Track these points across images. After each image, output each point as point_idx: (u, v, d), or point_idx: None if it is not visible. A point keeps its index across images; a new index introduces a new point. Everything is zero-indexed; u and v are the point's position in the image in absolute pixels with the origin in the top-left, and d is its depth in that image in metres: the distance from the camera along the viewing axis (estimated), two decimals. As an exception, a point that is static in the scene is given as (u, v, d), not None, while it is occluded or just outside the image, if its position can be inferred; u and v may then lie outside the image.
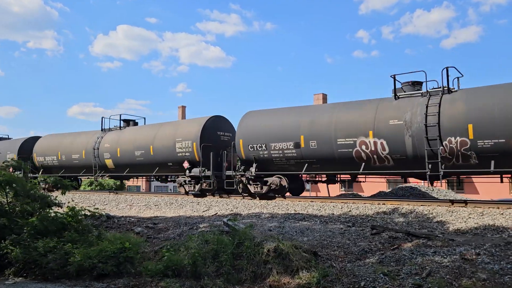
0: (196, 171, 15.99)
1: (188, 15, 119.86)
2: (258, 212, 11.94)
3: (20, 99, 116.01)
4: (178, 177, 17.17)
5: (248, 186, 14.83)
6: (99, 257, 7.50)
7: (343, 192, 25.02)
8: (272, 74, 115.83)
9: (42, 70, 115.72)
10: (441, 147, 10.98)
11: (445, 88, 11.65)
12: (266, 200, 13.95)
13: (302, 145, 13.27)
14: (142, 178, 21.07)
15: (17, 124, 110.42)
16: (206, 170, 15.74)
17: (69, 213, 9.16)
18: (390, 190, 17.69)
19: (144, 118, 21.12)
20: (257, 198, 14.49)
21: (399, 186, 17.85)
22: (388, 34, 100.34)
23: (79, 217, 9.29)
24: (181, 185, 16.97)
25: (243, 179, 14.82)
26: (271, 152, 13.95)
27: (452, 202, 11.19)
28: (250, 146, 14.40)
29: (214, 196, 16.02)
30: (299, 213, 11.24)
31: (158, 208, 14.45)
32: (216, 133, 16.43)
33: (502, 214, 9.37)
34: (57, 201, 10.06)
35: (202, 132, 15.85)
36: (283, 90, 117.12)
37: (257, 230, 8.82)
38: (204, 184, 15.98)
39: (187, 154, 16.14)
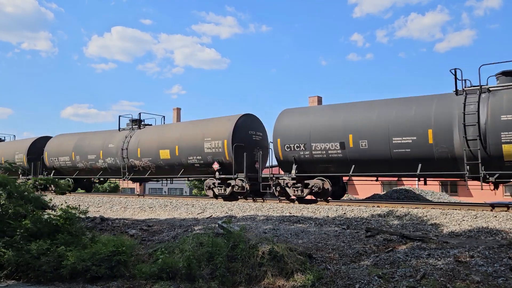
0: (24, 176, 23.35)
1: (183, 17, 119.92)
2: (253, 214, 11.92)
3: (13, 100, 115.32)
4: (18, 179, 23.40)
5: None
6: (93, 260, 7.45)
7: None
8: (267, 76, 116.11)
9: (36, 71, 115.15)
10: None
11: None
12: (260, 203, 14.06)
13: (73, 158, 21.24)
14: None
15: (10, 125, 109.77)
16: (29, 175, 22.97)
17: (63, 215, 9.09)
18: (384, 192, 17.75)
19: (15, 136, 29.62)
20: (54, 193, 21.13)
21: (393, 188, 17.94)
22: (382, 37, 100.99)
23: (73, 219, 9.21)
24: None
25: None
26: (60, 163, 22.06)
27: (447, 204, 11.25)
28: (50, 159, 22.48)
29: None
30: (294, 216, 11.23)
31: (153, 210, 14.39)
32: (41, 149, 23.26)
33: (496, 216, 9.42)
34: (50, 203, 9.97)
35: (29, 148, 23.55)
36: (278, 93, 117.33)
37: (252, 232, 8.80)
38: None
39: (21, 164, 23.53)
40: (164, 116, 20.66)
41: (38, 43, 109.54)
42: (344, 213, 11.25)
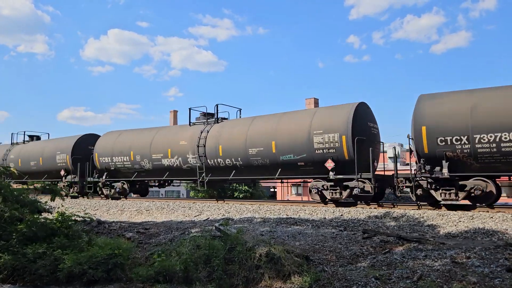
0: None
1: (180, 20, 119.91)
2: (250, 216, 11.92)
3: (9, 103, 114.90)
4: None
5: None
6: (89, 263, 7.42)
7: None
8: (265, 78, 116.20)
9: (33, 74, 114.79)
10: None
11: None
12: (258, 205, 14.04)
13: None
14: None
15: (6, 128, 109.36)
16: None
17: (59, 218, 9.06)
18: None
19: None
20: None
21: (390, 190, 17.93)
22: (378, 39, 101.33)
23: (69, 223, 9.18)
24: None
25: None
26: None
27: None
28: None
29: None
30: (291, 218, 11.24)
31: (150, 213, 14.36)
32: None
33: (492, 217, 9.46)
34: (46, 207, 9.93)
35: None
36: (275, 94, 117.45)
37: (249, 234, 8.80)
38: None
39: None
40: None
41: (35, 46, 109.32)
42: (341, 215, 11.26)
